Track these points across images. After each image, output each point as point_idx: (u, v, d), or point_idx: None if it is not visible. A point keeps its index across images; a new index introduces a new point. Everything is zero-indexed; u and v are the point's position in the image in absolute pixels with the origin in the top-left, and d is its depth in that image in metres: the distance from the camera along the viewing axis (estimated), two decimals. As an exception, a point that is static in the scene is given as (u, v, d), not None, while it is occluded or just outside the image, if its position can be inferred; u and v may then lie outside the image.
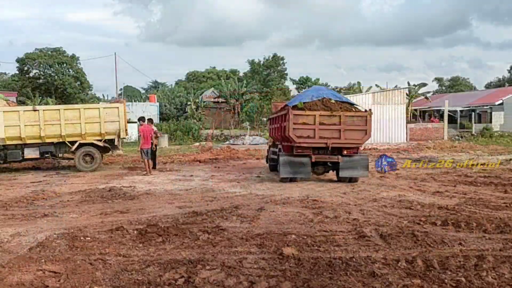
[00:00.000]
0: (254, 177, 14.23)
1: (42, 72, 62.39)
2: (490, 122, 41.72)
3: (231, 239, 6.42)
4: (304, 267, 5.22)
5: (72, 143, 16.39)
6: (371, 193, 10.79)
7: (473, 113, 44.99)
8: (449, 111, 37.95)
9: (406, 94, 39.63)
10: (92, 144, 16.52)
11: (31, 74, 62.68)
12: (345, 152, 12.14)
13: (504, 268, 5.07)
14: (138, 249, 6.05)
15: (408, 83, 49.73)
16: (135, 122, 28.09)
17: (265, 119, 36.59)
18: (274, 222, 7.72)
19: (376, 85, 53.98)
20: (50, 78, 61.07)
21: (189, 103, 45.94)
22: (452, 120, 43.08)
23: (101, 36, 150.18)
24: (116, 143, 16.78)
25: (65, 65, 62.94)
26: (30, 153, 16.44)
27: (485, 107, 43.89)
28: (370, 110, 12.28)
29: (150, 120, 16.45)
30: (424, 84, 51.14)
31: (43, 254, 5.79)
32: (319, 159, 12.25)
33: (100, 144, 16.51)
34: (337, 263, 5.30)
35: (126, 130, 17.07)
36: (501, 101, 42.07)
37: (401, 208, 8.93)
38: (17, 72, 61.81)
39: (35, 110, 16.36)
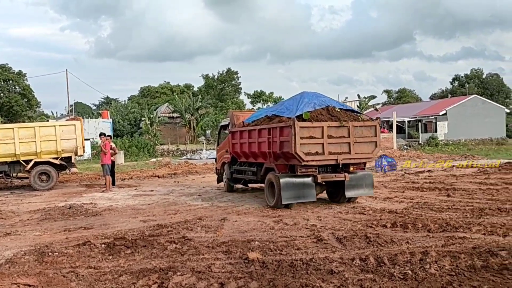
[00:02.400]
0: (215, 190, 14.56)
1: (-13, 90, 59.95)
2: (436, 131, 44.03)
3: (198, 248, 6.75)
4: (268, 268, 5.65)
5: (27, 161, 16.10)
6: (327, 201, 11.39)
7: (419, 123, 47.31)
8: (397, 121, 39.82)
9: (357, 106, 41.32)
10: (48, 163, 16.29)
11: (-25, 92, 60.09)
12: (351, 168, 10.52)
13: (445, 261, 5.69)
14: (108, 261, 6.26)
15: (358, 96, 51.93)
16: (88, 139, 27.84)
17: (209, 131, 35.33)
18: (237, 230, 8.11)
19: (328, 98, 55.70)
20: (-5, 95, 58.75)
21: (143, 118, 45.61)
22: (400, 130, 45.16)
23: (49, 51, 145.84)
24: (73, 160, 16.64)
25: (11, 82, 60.84)
26: (-18, 174, 16.00)
27: (430, 117, 46.22)
28: (378, 118, 11.16)
29: (109, 136, 16.48)
30: (374, 97, 53.64)
31: (14, 270, 5.89)
32: (324, 179, 10.36)
33: (57, 162, 16.31)
34: (299, 264, 5.75)
35: (83, 147, 16.97)
36: (444, 112, 44.50)
37: (355, 213, 9.57)
38: (-40, 90, 59.10)
39: (-14, 129, 15.99)
